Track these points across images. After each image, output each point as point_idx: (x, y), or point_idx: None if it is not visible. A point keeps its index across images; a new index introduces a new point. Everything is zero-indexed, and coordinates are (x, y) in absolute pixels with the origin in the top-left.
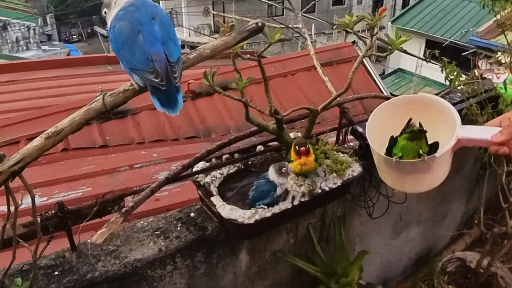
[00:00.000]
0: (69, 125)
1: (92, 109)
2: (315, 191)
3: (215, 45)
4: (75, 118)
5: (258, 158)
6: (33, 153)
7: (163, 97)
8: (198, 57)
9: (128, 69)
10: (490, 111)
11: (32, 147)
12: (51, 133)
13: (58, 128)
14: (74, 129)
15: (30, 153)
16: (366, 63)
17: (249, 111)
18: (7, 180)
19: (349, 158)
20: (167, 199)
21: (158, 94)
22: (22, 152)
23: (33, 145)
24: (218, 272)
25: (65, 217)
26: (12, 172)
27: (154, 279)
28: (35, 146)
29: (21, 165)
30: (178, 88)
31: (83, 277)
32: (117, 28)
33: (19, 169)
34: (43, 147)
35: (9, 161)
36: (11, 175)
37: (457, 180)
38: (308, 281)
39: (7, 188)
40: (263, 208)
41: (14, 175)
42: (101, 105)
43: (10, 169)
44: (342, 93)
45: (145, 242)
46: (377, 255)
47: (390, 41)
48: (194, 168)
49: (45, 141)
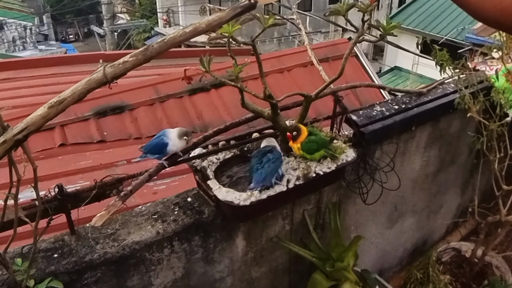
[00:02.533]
0: (71, 94)
1: (93, 79)
2: (309, 174)
3: (210, 20)
4: (77, 88)
5: (253, 145)
6: (37, 122)
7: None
8: (194, 31)
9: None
10: (482, 99)
11: (36, 115)
12: (54, 103)
13: (61, 97)
14: (76, 98)
15: (34, 122)
16: (362, 60)
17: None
18: (11, 149)
19: (343, 144)
20: (165, 192)
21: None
22: (26, 121)
23: (37, 114)
24: (215, 257)
25: (65, 200)
26: (16, 140)
27: (152, 262)
28: (39, 115)
29: (25, 133)
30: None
31: (82, 259)
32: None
33: (23, 138)
34: (46, 116)
35: (13, 130)
36: (15, 144)
37: (452, 171)
38: (304, 268)
39: (10, 159)
40: (259, 191)
41: (18, 143)
42: (102, 75)
43: (14, 137)
44: (335, 79)
45: (143, 226)
46: (372, 245)
47: (381, 27)
48: (191, 154)
49: (48, 110)
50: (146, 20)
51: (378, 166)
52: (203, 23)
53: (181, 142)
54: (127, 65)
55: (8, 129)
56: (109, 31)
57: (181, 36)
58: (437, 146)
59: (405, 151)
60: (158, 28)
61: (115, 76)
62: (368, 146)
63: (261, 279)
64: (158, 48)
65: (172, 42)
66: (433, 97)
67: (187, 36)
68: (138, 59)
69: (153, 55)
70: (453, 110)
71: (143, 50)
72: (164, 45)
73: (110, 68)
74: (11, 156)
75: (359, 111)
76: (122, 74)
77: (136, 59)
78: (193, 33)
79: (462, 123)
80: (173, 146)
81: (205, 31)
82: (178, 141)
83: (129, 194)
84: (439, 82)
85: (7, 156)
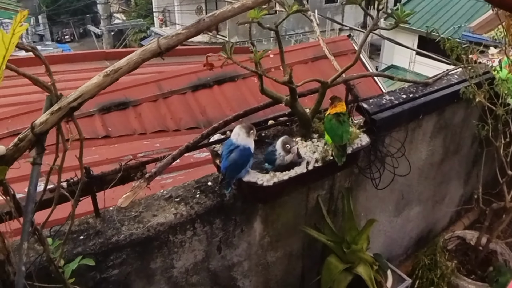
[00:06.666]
0: (126, 63)
1: (148, 50)
2: (327, 157)
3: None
4: (132, 57)
5: (271, 131)
6: (91, 90)
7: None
8: (242, 6)
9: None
10: (486, 88)
11: (92, 84)
12: (109, 71)
13: (116, 66)
14: (131, 67)
15: (89, 90)
16: (362, 57)
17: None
18: (65, 117)
19: (357, 130)
20: (172, 186)
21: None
22: (81, 89)
23: (92, 82)
24: (234, 241)
25: (91, 182)
26: (71, 108)
27: (175, 244)
28: (94, 83)
29: (80, 101)
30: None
31: (108, 240)
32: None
33: (77, 105)
34: (101, 84)
35: (68, 98)
36: (69, 111)
37: (456, 160)
38: (317, 254)
39: (59, 129)
40: (280, 172)
41: (73, 111)
42: (156, 46)
43: (69, 105)
44: (351, 66)
45: (167, 208)
46: (381, 232)
47: (395, 14)
48: (211, 139)
49: (103, 78)
50: (143, 20)
51: (388, 153)
52: (249, 0)
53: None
54: (180, 36)
55: (63, 97)
56: (106, 31)
57: (229, 11)
58: (442, 135)
59: (412, 139)
60: (154, 27)
61: (169, 47)
62: (379, 133)
63: (276, 263)
64: (209, 22)
65: (222, 16)
66: (439, 87)
67: (235, 11)
68: (191, 31)
69: (204, 28)
70: (457, 101)
71: (196, 23)
72: (214, 19)
73: (164, 39)
74: (60, 127)
75: (369, 99)
76: (175, 45)
77: (189, 31)
78: (241, 9)
79: (466, 113)
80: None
81: (252, 7)
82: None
83: (153, 176)
84: (444, 72)
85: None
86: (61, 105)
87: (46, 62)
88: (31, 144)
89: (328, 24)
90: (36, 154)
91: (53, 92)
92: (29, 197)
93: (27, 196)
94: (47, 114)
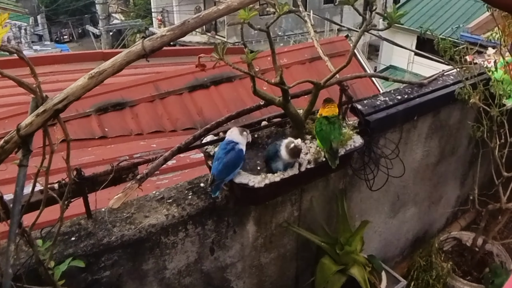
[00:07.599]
0: (111, 66)
1: (132, 52)
2: (320, 159)
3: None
4: (117, 59)
5: (263, 132)
6: (76, 92)
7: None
8: (227, 8)
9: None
10: (482, 89)
11: (76, 86)
12: (94, 73)
13: (101, 68)
14: (116, 70)
15: (74, 92)
16: (360, 57)
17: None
18: (50, 119)
19: (350, 131)
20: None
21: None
22: (66, 91)
23: (77, 84)
24: (227, 242)
25: (82, 184)
26: (56, 110)
27: (167, 246)
28: (79, 85)
29: (65, 103)
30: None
31: (99, 241)
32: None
33: (62, 107)
34: (86, 86)
35: (53, 100)
36: (54, 113)
37: (452, 161)
38: (311, 255)
39: (45, 130)
40: (272, 174)
41: (58, 113)
42: (140, 48)
43: (54, 107)
44: (344, 67)
45: (159, 209)
46: (376, 233)
47: (388, 15)
48: (204, 140)
49: (88, 80)
50: (142, 20)
51: (383, 154)
52: (235, 1)
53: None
54: (164, 38)
55: (48, 99)
56: (105, 31)
57: (215, 13)
58: (438, 137)
59: (407, 141)
60: (152, 28)
61: (153, 49)
62: (373, 134)
63: (270, 265)
64: (194, 23)
65: (207, 18)
66: (434, 88)
67: (221, 13)
68: (175, 33)
69: (189, 30)
70: (453, 102)
71: (180, 24)
72: (199, 20)
73: (149, 41)
74: (46, 128)
75: (364, 100)
76: (159, 47)
77: (173, 33)
78: (227, 10)
79: (462, 114)
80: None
81: (237, 9)
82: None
83: (145, 177)
84: (439, 73)
85: (43, 129)
86: (46, 107)
87: (30, 64)
88: (17, 146)
89: (327, 25)
90: (22, 156)
91: (38, 94)
92: (15, 199)
93: (14, 197)
94: (32, 116)
